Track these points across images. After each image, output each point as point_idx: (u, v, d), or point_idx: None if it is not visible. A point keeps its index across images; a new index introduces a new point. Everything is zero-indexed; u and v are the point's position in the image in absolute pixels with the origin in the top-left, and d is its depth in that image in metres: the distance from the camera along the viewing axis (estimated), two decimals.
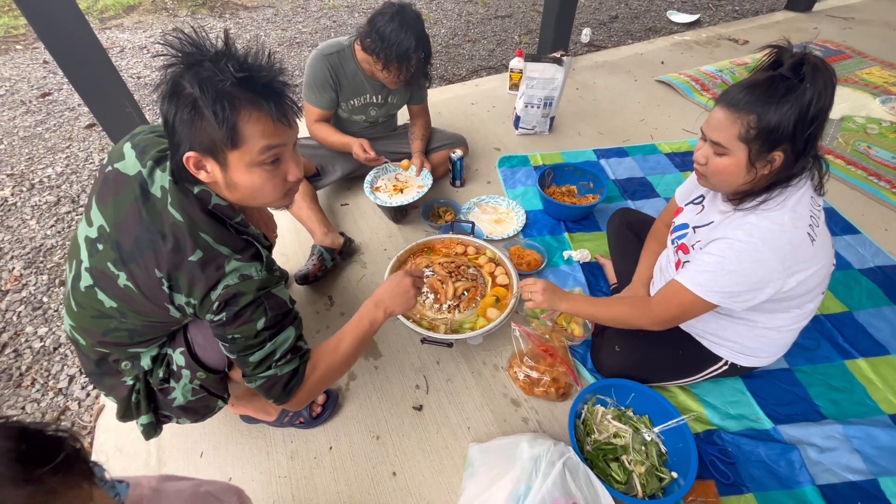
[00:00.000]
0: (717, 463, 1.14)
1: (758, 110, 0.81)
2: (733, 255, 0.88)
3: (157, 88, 0.73)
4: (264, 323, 0.80)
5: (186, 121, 0.71)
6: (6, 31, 4.10)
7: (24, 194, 2.27)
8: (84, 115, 2.88)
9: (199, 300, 0.77)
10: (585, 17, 4.12)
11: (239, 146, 0.73)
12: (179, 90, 0.70)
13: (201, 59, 0.70)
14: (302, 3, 4.74)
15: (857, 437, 1.16)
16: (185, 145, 0.73)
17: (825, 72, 0.77)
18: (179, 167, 0.76)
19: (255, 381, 0.86)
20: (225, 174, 0.76)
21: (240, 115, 0.71)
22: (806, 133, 0.79)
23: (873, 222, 1.85)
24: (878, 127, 2.36)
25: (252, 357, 0.82)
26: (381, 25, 1.48)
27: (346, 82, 1.67)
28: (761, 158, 0.84)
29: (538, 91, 2.20)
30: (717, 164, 0.90)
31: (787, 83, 0.79)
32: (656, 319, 1.04)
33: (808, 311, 1.02)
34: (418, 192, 1.79)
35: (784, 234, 0.85)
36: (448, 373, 1.38)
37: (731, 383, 1.31)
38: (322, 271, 1.63)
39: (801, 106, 0.77)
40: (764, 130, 0.81)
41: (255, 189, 0.79)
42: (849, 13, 3.77)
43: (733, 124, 0.84)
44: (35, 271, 1.86)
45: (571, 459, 1.01)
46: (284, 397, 0.88)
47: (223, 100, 0.69)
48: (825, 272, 0.95)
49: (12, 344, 1.59)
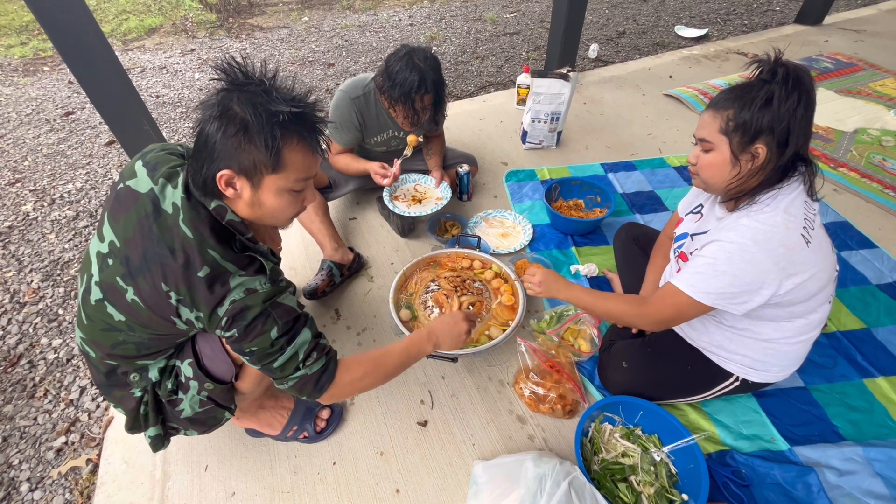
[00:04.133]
0: (730, 485, 1.10)
1: (735, 105, 0.88)
2: (724, 256, 0.90)
3: (204, 108, 0.77)
4: (277, 331, 0.82)
5: (232, 140, 0.75)
6: (35, 54, 4.30)
7: (45, 209, 2.34)
8: (104, 132, 2.99)
9: (207, 316, 0.79)
10: (593, 32, 4.17)
11: (278, 171, 0.79)
12: (230, 112, 0.75)
13: (252, 86, 0.75)
14: (315, 24, 4.89)
15: (879, 461, 1.11)
16: (223, 162, 0.77)
17: (796, 71, 0.84)
18: (206, 182, 0.79)
19: (286, 383, 0.88)
20: (254, 194, 0.81)
21: (286, 144, 0.77)
22: (781, 125, 0.84)
23: (890, 236, 1.80)
24: (893, 139, 2.32)
25: (276, 363, 0.84)
26: (391, 64, 1.50)
27: (371, 122, 1.71)
28: (744, 151, 0.89)
29: (545, 106, 2.22)
30: (704, 159, 0.95)
31: (762, 83, 0.86)
32: (651, 319, 1.05)
33: (814, 322, 1.00)
34: (437, 204, 1.81)
35: (776, 235, 0.87)
36: (453, 388, 1.37)
37: (745, 402, 1.27)
38: (330, 287, 1.64)
39: (771, 98, 0.84)
40: (741, 122, 0.87)
41: (277, 211, 0.85)
42: (860, 25, 3.75)
43: (714, 120, 0.92)
44: (52, 284, 1.91)
45: (578, 479, 0.99)
46: (317, 394, 0.91)
47: (275, 128, 0.75)
48: (825, 277, 0.93)
49: (28, 355, 1.63)
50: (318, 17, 5.12)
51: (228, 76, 0.76)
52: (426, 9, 5.15)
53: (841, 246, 1.77)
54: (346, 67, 3.81)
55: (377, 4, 5.42)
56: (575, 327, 1.43)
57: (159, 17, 5.08)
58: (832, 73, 3.02)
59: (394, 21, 4.83)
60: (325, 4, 5.51)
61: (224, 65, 0.76)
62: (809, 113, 0.85)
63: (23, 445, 1.37)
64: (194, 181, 0.81)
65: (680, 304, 0.97)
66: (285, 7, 5.42)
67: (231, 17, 5.07)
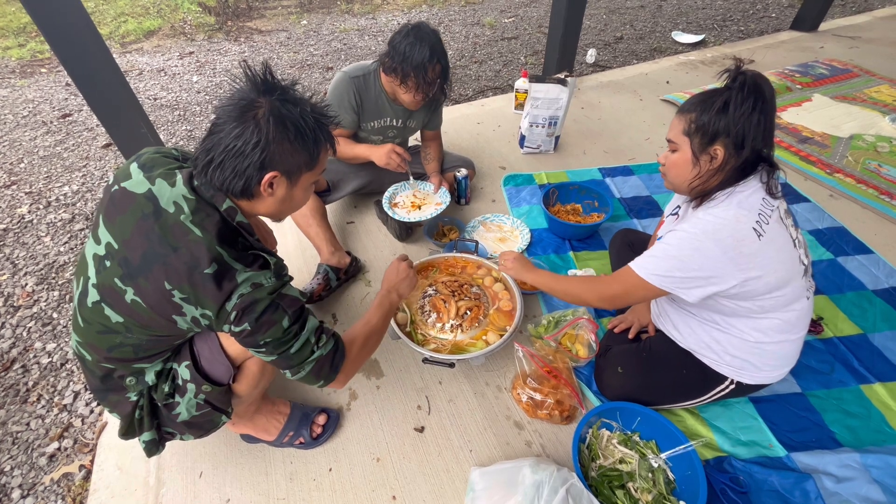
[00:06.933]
0: (728, 492, 1.10)
1: (697, 109, 0.96)
2: (676, 242, 0.96)
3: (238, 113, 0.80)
4: (289, 320, 0.84)
5: (285, 146, 0.82)
6: (32, 56, 4.29)
7: (41, 212, 2.33)
8: (101, 135, 2.98)
9: (214, 312, 0.79)
10: (591, 38, 4.19)
11: (312, 169, 0.90)
12: (283, 118, 0.81)
13: (286, 93, 0.83)
14: (314, 28, 4.90)
15: (876, 467, 1.11)
16: (272, 166, 0.82)
17: (754, 79, 0.90)
18: (247, 183, 0.82)
19: (303, 369, 0.90)
20: (288, 191, 0.89)
21: (322, 145, 0.88)
22: (737, 128, 0.91)
23: (886, 241, 1.81)
24: (888, 145, 2.34)
25: (292, 349, 0.86)
26: (397, 42, 1.51)
27: (369, 105, 1.71)
28: (704, 152, 0.97)
29: (543, 111, 2.22)
30: (671, 159, 1.04)
31: (724, 90, 0.93)
32: (600, 294, 1.12)
33: (792, 320, 1.03)
34: (436, 209, 1.81)
35: (726, 227, 0.92)
36: (450, 393, 1.36)
37: (742, 407, 1.27)
38: (326, 291, 1.64)
39: (728, 103, 0.91)
40: (701, 124, 0.95)
41: (300, 203, 0.95)
42: (855, 32, 3.78)
43: (680, 123, 1.00)
44: (47, 287, 1.89)
45: (575, 486, 0.98)
46: (333, 374, 0.94)
47: (316, 132, 0.85)
48: (783, 270, 0.96)
49: (21, 360, 1.61)
50: (316, 20, 5.13)
51: (264, 83, 0.81)
52: (425, 13, 5.17)
53: (837, 251, 1.77)
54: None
55: (376, 8, 5.44)
56: (573, 332, 1.42)
57: (158, 19, 5.08)
58: (828, 80, 3.05)
59: (392, 25, 4.85)
60: (323, 8, 5.53)
61: (256, 72, 0.81)
62: (767, 118, 0.91)
63: (15, 451, 1.36)
64: (213, 184, 0.82)
65: (629, 283, 1.04)
66: (284, 10, 5.43)
67: (230, 21, 5.08)
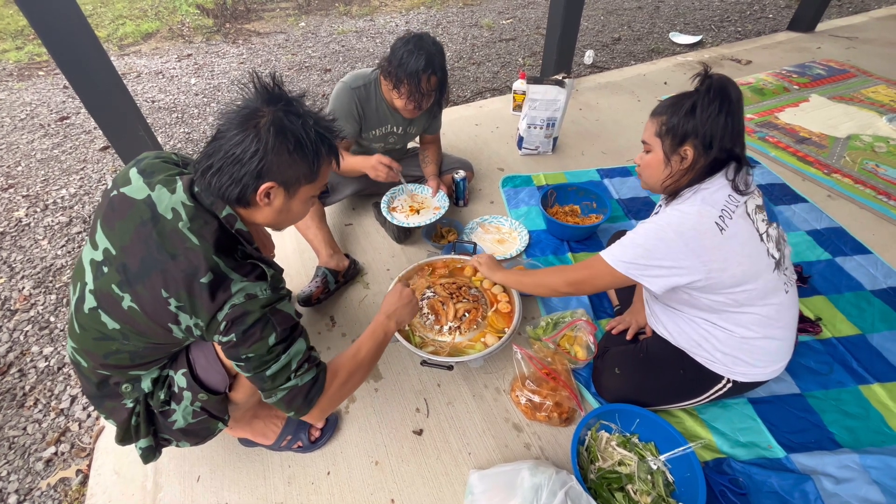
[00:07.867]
0: (728, 493, 1.09)
1: (668, 112, 1.02)
2: (643, 232, 1.01)
3: (239, 122, 0.79)
4: (275, 338, 0.81)
5: (284, 157, 0.81)
6: (30, 58, 4.28)
7: (38, 215, 2.32)
8: (99, 138, 2.97)
9: (206, 322, 0.78)
10: (588, 39, 4.19)
11: (313, 182, 0.88)
12: (284, 129, 0.79)
13: (291, 104, 0.82)
14: (312, 29, 4.90)
15: (875, 468, 1.11)
16: (269, 176, 0.81)
17: (720, 83, 0.95)
18: (243, 192, 0.81)
19: (275, 394, 0.86)
20: (286, 202, 0.87)
21: (323, 159, 0.86)
22: (704, 129, 0.95)
23: (884, 242, 1.81)
24: (885, 145, 2.34)
25: (269, 371, 0.82)
26: (398, 48, 1.52)
27: (371, 114, 1.71)
28: (674, 152, 1.01)
29: (541, 112, 2.23)
30: (645, 160, 1.10)
31: (693, 93, 0.98)
32: (567, 279, 1.17)
33: (771, 314, 1.04)
34: (435, 214, 1.81)
35: (688, 221, 0.96)
36: (449, 396, 1.36)
37: (741, 408, 1.27)
38: (325, 294, 1.63)
39: (695, 106, 0.96)
40: (672, 126, 1.00)
41: (300, 215, 0.93)
42: (852, 33, 3.79)
43: (653, 125, 1.05)
44: (44, 291, 1.89)
45: (574, 489, 0.98)
46: (306, 408, 0.88)
47: (318, 144, 0.84)
48: (749, 263, 0.98)
49: (18, 364, 1.61)
50: (314, 22, 5.13)
51: (270, 93, 0.81)
52: (423, 14, 5.17)
53: (835, 252, 1.77)
54: (343, 73, 3.81)
55: (374, 10, 5.44)
56: (571, 334, 1.42)
57: (156, 22, 5.08)
58: (825, 80, 3.05)
59: (390, 27, 4.85)
60: (322, 10, 5.53)
61: (263, 82, 0.81)
62: (734, 119, 0.95)
63: (11, 456, 1.35)
64: (212, 190, 0.81)
65: (595, 269, 1.08)
66: (282, 12, 5.43)
67: (228, 23, 5.08)
